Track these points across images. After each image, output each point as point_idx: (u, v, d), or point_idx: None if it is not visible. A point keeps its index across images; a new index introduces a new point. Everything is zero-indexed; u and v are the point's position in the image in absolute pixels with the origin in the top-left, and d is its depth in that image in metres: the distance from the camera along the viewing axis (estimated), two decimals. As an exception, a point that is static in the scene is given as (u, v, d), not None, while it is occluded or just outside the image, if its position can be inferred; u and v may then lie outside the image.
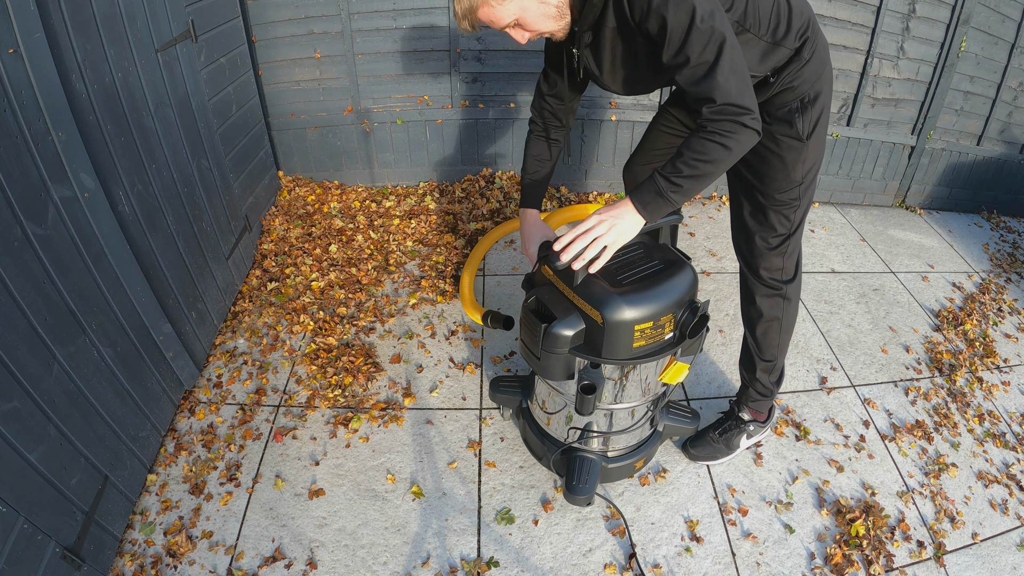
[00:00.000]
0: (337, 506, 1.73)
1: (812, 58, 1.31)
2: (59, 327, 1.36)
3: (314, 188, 3.18)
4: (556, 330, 1.34)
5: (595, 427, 1.63)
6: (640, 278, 1.36)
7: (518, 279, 2.66)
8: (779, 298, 1.62)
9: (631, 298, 1.29)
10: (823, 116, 1.39)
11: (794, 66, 1.31)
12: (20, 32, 1.23)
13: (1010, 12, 3.09)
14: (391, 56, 2.91)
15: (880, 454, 1.99)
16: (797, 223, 1.52)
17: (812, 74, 1.33)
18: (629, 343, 1.33)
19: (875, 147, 3.38)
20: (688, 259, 1.44)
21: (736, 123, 1.10)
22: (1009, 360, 2.47)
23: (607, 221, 1.24)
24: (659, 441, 1.81)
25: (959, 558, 1.71)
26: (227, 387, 2.09)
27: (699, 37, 1.06)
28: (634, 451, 1.73)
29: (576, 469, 1.64)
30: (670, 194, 1.18)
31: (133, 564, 1.57)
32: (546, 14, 1.18)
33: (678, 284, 1.36)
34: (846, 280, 2.84)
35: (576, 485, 1.61)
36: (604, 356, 1.35)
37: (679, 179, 1.16)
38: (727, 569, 1.62)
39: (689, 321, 1.36)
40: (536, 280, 1.50)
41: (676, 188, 1.17)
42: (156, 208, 1.82)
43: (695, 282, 1.40)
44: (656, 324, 1.33)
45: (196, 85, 2.09)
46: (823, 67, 1.35)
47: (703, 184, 1.17)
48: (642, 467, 1.81)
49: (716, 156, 1.12)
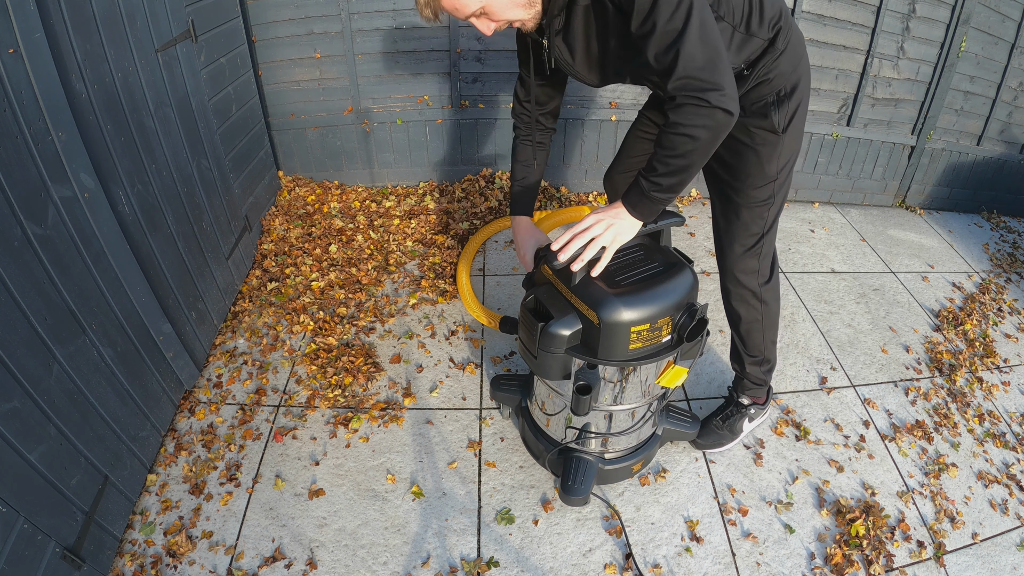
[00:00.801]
0: (337, 506, 1.73)
1: (787, 49, 1.30)
2: (59, 327, 1.36)
3: (314, 188, 3.18)
4: (553, 329, 1.34)
5: (592, 428, 1.62)
6: (638, 280, 1.35)
7: (518, 279, 2.66)
8: (756, 301, 1.62)
9: (628, 299, 1.29)
10: (800, 110, 1.37)
11: (768, 58, 1.29)
12: (20, 32, 1.23)
13: (1010, 12, 3.09)
14: (391, 56, 2.91)
15: (880, 454, 1.99)
16: (771, 222, 1.51)
17: (787, 66, 1.31)
18: (625, 345, 1.32)
19: (875, 147, 3.38)
20: (690, 262, 1.44)
21: (701, 102, 1.02)
22: (1009, 360, 2.47)
23: (604, 221, 1.24)
24: (658, 444, 1.80)
25: (959, 558, 1.71)
26: (227, 387, 2.09)
27: (667, 3, 1.01)
28: (632, 453, 1.72)
29: (572, 469, 1.64)
30: (653, 194, 1.16)
31: (133, 564, 1.57)
32: (514, 2, 1.12)
33: (676, 287, 1.35)
34: (846, 280, 2.84)
35: (571, 485, 1.61)
36: (600, 357, 1.35)
37: (657, 178, 1.14)
38: (727, 569, 1.62)
39: (687, 324, 1.36)
40: (536, 280, 1.50)
41: (656, 187, 1.15)
42: (156, 208, 1.82)
43: (694, 285, 1.39)
44: (653, 326, 1.32)
45: (196, 85, 2.09)
46: (799, 59, 1.33)
47: (683, 178, 1.14)
48: (640, 469, 1.81)
49: (685, 149, 1.08)
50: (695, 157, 1.09)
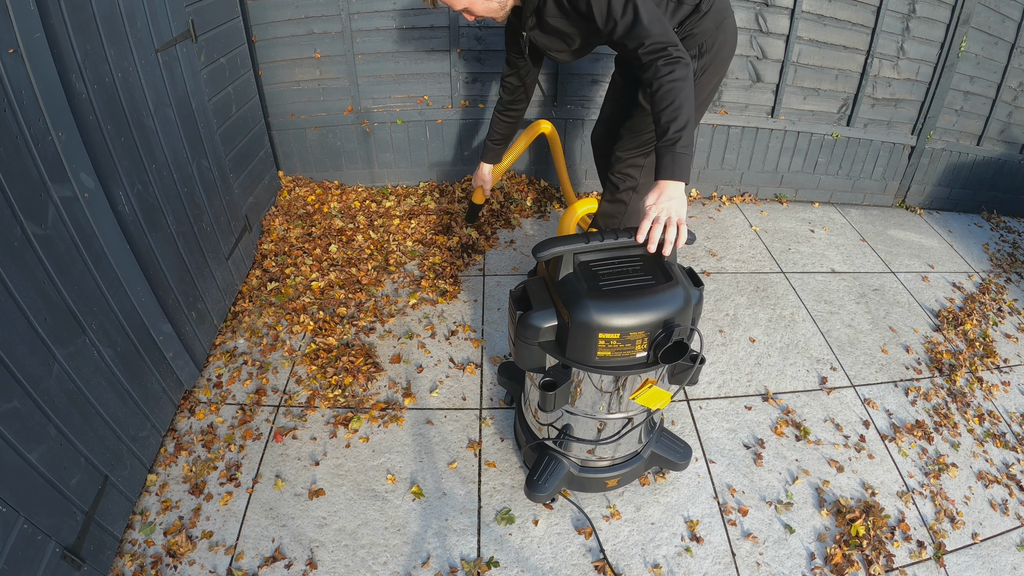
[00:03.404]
0: (337, 506, 1.73)
1: (710, 11, 1.68)
2: (59, 327, 1.36)
3: (314, 188, 3.18)
4: (529, 320, 1.34)
5: (569, 431, 1.59)
6: (621, 288, 1.30)
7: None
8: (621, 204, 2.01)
9: (601, 304, 1.26)
10: (712, 68, 1.78)
11: (694, 17, 1.69)
12: (20, 32, 1.23)
13: (1010, 12, 3.09)
14: (391, 56, 2.91)
15: (880, 454, 1.99)
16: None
17: (711, 24, 1.70)
18: (593, 350, 1.30)
19: (875, 147, 3.38)
20: (698, 284, 1.40)
21: (668, 57, 1.38)
22: (1009, 360, 2.47)
23: (659, 204, 1.32)
24: (641, 465, 1.72)
25: (959, 558, 1.71)
26: (227, 387, 2.09)
27: (617, 5, 1.41)
28: (608, 468, 1.67)
29: (542, 466, 1.64)
30: (676, 147, 1.33)
31: (133, 564, 1.57)
32: (488, 8, 1.59)
33: (659, 303, 1.27)
34: (846, 280, 2.84)
35: (536, 481, 1.61)
36: (567, 356, 1.34)
37: (670, 132, 1.33)
38: (727, 569, 1.62)
39: (662, 344, 1.28)
40: (538, 271, 1.50)
41: (674, 140, 1.33)
42: (156, 208, 1.82)
43: (684, 306, 1.30)
44: (624, 338, 1.27)
45: (196, 85, 2.09)
46: (721, 19, 1.72)
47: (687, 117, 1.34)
48: (615, 485, 1.72)
49: (674, 93, 1.35)
50: (684, 96, 1.35)
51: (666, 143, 1.34)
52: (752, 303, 2.61)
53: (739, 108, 3.18)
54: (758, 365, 2.29)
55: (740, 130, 3.23)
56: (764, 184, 3.45)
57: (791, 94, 3.15)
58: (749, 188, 3.46)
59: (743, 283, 2.74)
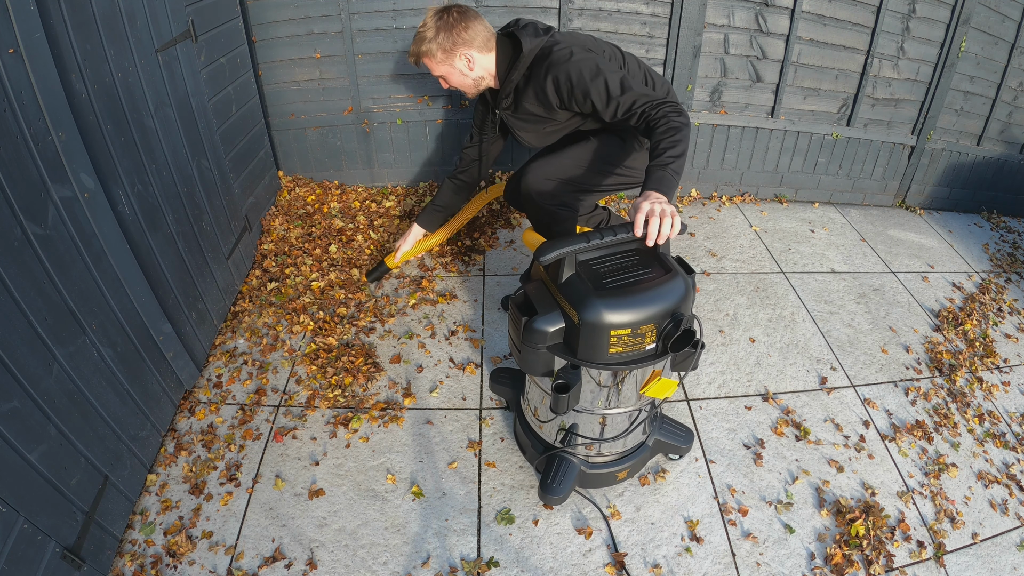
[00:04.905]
0: (337, 506, 1.73)
1: None
2: (59, 327, 1.36)
3: (314, 188, 3.18)
4: (536, 325, 1.34)
5: (578, 430, 1.61)
6: (626, 284, 1.32)
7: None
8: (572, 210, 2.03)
9: (610, 302, 1.27)
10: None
11: None
12: (20, 32, 1.23)
13: (1010, 12, 3.09)
14: (391, 56, 2.91)
15: (880, 454, 1.99)
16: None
17: None
18: (605, 348, 1.30)
19: (875, 147, 3.38)
20: (690, 272, 1.41)
21: (674, 106, 1.54)
22: (1009, 360, 2.47)
23: (648, 200, 1.33)
24: (647, 454, 1.76)
25: (959, 558, 1.71)
26: (227, 387, 2.09)
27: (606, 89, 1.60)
28: (617, 461, 1.70)
29: (553, 469, 1.64)
30: (668, 169, 1.41)
31: (133, 564, 1.57)
32: (463, 84, 1.79)
33: (664, 294, 1.31)
34: (846, 280, 2.84)
35: (551, 484, 1.62)
36: (579, 357, 1.34)
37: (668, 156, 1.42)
38: (727, 569, 1.62)
39: (671, 334, 1.32)
40: (532, 275, 1.50)
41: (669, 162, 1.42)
42: (156, 208, 1.82)
43: (685, 295, 1.34)
44: (635, 332, 1.29)
45: (196, 85, 2.09)
46: None
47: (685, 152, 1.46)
48: (625, 478, 1.76)
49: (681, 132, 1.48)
50: (685, 135, 1.48)
51: (660, 163, 1.42)
52: (752, 303, 2.61)
53: (739, 108, 3.18)
54: (758, 365, 2.29)
55: (740, 130, 3.23)
56: (764, 184, 3.45)
57: (791, 94, 3.15)
58: (749, 188, 3.46)
59: (743, 283, 2.74)
